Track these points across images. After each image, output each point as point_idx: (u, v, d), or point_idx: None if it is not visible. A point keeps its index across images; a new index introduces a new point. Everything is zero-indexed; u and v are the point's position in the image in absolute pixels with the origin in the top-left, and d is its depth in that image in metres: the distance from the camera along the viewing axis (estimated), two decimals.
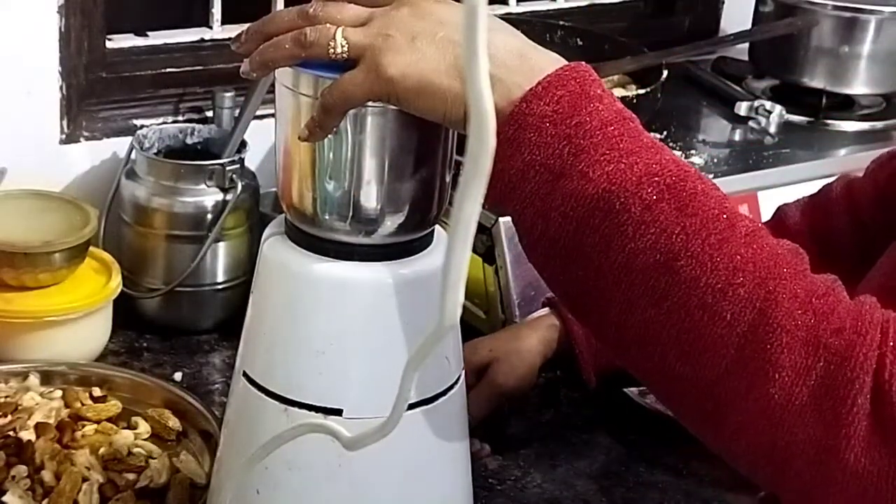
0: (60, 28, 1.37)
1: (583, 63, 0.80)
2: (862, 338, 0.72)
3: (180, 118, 1.49)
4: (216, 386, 1.28)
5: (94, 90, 1.43)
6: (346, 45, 0.80)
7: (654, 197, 0.75)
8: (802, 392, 0.72)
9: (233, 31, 1.49)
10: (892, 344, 0.72)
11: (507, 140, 0.77)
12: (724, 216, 0.76)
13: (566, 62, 0.80)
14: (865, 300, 0.76)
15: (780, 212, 1.23)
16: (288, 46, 0.81)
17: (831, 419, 0.72)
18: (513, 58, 0.78)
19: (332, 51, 0.80)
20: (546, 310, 1.28)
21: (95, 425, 1.14)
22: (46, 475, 1.05)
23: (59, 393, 1.18)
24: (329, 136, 0.82)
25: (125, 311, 1.34)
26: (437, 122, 0.80)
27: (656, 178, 0.76)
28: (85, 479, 1.05)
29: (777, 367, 0.72)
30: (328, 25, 0.80)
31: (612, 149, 0.76)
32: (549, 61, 0.79)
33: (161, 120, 1.47)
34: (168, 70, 1.49)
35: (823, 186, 1.20)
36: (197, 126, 1.42)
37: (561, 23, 1.73)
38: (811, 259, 0.78)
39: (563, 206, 0.76)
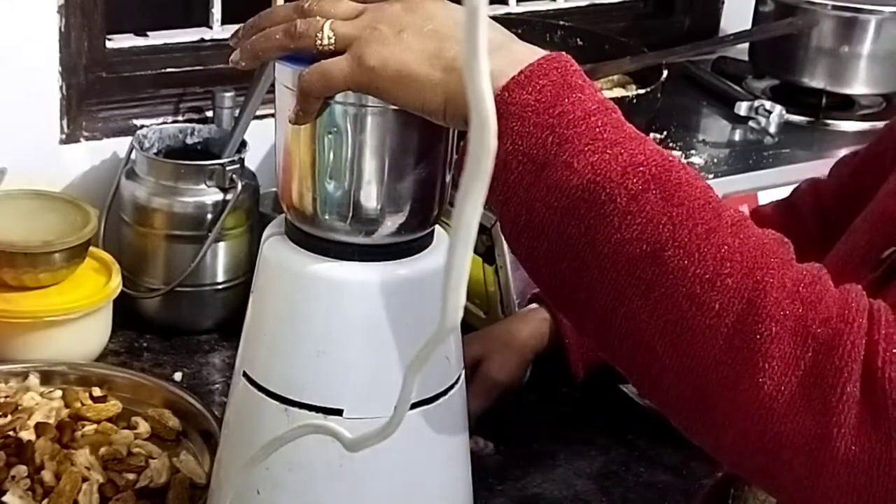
0: (60, 28, 1.37)
1: (564, 53, 0.80)
2: (849, 326, 0.72)
3: (180, 118, 1.49)
4: (216, 386, 1.28)
5: (94, 90, 1.43)
6: (334, 37, 0.80)
7: (640, 187, 0.75)
8: (791, 382, 0.72)
9: (233, 31, 1.49)
10: (883, 332, 0.72)
11: None
12: (710, 206, 0.75)
13: (547, 52, 0.79)
14: (851, 288, 0.75)
15: (756, 213, 1.24)
16: (278, 37, 0.82)
17: (820, 408, 0.72)
18: (494, 48, 0.78)
19: (319, 42, 0.81)
20: (534, 305, 1.29)
21: (95, 425, 1.14)
22: (46, 475, 1.05)
23: (59, 393, 1.18)
24: (315, 121, 0.82)
25: (125, 311, 1.34)
26: (416, 112, 0.80)
27: (641, 168, 0.75)
28: (85, 479, 1.05)
29: (766, 357, 0.72)
30: (318, 18, 0.81)
31: (595, 139, 0.76)
32: (530, 52, 0.79)
33: (161, 120, 1.47)
34: (168, 70, 1.49)
35: (794, 189, 1.21)
36: (197, 126, 1.42)
37: (561, 23, 1.73)
38: None
39: (547, 197, 0.76)
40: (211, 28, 1.55)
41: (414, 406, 0.86)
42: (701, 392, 0.75)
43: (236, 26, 0.88)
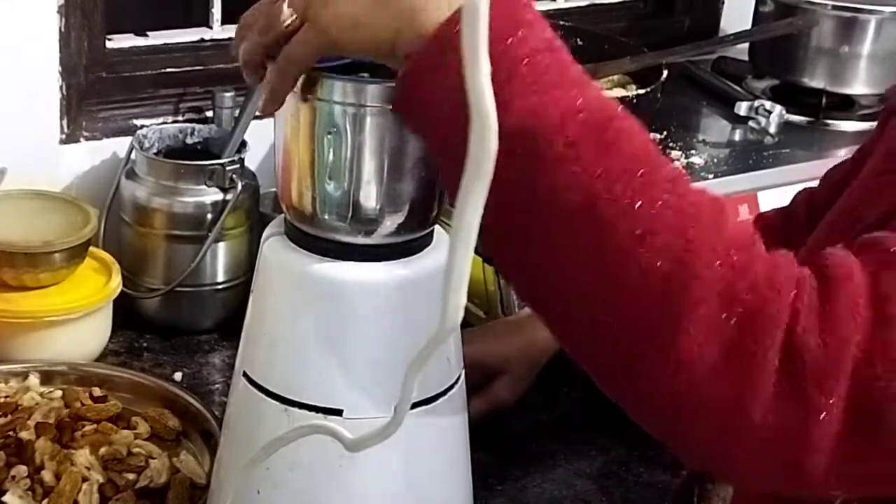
0: (60, 28, 1.37)
1: None
2: (776, 293, 0.71)
3: (180, 118, 1.49)
4: (216, 386, 1.28)
5: (94, 90, 1.43)
6: (292, 14, 0.81)
7: (578, 135, 0.72)
8: (714, 346, 0.71)
9: (233, 31, 1.49)
10: (806, 301, 0.71)
11: (428, 63, 0.75)
12: (649, 160, 0.74)
13: None
14: (783, 255, 0.74)
15: (759, 219, 1.24)
16: (257, 40, 0.83)
17: (740, 374, 0.71)
18: None
19: (284, 25, 0.81)
20: None
21: (95, 425, 1.14)
22: (46, 475, 1.05)
23: (59, 393, 1.18)
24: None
25: (125, 311, 1.34)
26: (372, 57, 0.80)
27: (581, 115, 0.73)
28: (85, 479, 1.05)
29: (691, 319, 0.71)
30: (278, 3, 0.82)
31: (537, 81, 0.73)
32: None
33: (161, 120, 1.47)
34: (168, 70, 1.49)
35: (792, 197, 1.21)
36: (197, 126, 1.42)
37: (561, 23, 1.73)
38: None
39: None
40: (211, 28, 1.55)
41: (414, 406, 0.86)
42: (625, 350, 0.73)
43: (236, 26, 0.88)
